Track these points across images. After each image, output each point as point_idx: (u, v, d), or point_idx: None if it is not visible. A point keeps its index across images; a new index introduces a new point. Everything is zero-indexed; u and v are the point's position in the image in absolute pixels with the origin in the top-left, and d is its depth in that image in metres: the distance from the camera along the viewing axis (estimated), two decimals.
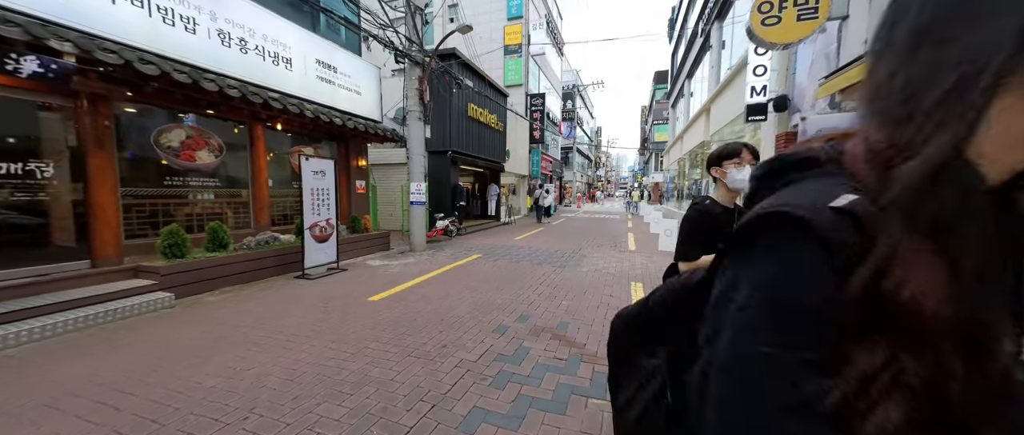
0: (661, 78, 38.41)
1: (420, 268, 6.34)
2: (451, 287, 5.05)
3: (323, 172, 5.89)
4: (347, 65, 7.57)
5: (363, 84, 8.05)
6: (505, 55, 20.79)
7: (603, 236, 11.01)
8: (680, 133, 19.20)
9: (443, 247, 8.78)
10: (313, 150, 7.48)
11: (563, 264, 6.72)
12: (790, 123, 6.35)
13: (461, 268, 6.35)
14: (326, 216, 5.98)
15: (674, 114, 23.84)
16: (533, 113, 20.92)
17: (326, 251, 5.99)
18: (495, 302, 4.37)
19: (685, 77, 18.43)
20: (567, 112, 33.65)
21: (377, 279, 5.54)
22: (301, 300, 4.44)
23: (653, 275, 5.86)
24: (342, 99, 7.44)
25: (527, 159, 20.42)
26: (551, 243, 9.43)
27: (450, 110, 10.74)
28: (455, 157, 11.12)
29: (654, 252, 8.11)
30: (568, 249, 8.45)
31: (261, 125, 6.15)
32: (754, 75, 6.73)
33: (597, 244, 9.33)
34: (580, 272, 6.07)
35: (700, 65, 15.54)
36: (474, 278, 5.59)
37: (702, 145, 13.57)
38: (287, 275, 5.71)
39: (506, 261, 6.97)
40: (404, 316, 3.87)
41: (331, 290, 4.90)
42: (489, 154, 13.71)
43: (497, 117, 14.08)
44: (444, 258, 7.29)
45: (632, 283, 5.35)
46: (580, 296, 4.68)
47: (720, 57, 12.17)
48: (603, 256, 7.59)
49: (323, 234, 5.93)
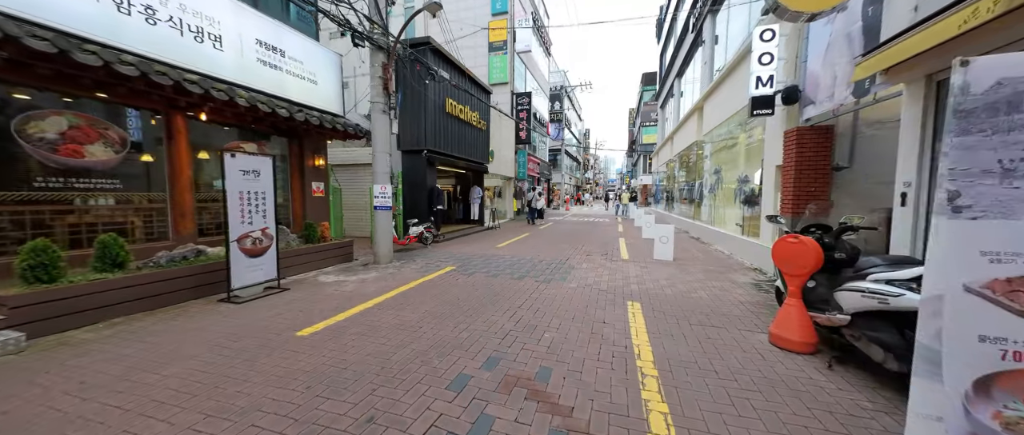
0: (649, 80, 38.22)
1: (379, 286, 5.35)
2: (409, 313, 4.10)
3: (257, 172, 4.86)
4: (299, 49, 6.56)
5: (321, 72, 7.04)
6: (490, 52, 19.95)
7: (593, 242, 10.18)
8: (670, 134, 18.65)
9: (415, 257, 7.79)
10: (257, 146, 6.43)
11: (548, 278, 5.83)
12: (801, 117, 5.63)
13: (428, 285, 5.39)
14: (261, 225, 4.95)
15: (663, 115, 23.38)
16: (519, 112, 20.10)
17: (262, 267, 4.95)
18: (459, 337, 3.43)
19: (675, 77, 17.89)
20: (555, 113, 33.00)
21: (321, 302, 4.54)
22: (205, 336, 3.42)
23: (653, 292, 5.02)
24: (292, 88, 6.42)
25: (513, 160, 19.56)
26: (536, 251, 8.55)
27: (425, 105, 9.79)
28: (432, 157, 10.16)
29: (649, 262, 7.30)
30: (554, 258, 7.57)
31: (182, 115, 5.09)
32: (760, 64, 6.00)
33: (586, 252, 8.48)
34: (567, 289, 5.19)
35: (691, 63, 14.97)
36: (441, 299, 4.65)
37: (694, 145, 12.93)
38: (210, 298, 4.66)
39: (482, 275, 6.04)
40: (332, 362, 2.91)
41: (254, 320, 3.88)
42: (470, 154, 12.78)
43: (479, 115, 13.18)
44: (412, 272, 6.32)
45: (629, 304, 4.49)
46: (566, 324, 3.79)
47: (713, 53, 11.55)
48: (593, 267, 6.74)
49: (257, 247, 4.89)
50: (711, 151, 11.17)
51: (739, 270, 6.58)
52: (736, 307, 4.40)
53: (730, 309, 4.32)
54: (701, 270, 6.54)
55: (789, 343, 3.15)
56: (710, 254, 8.35)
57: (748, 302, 4.61)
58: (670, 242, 7.49)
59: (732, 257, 7.93)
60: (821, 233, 3.36)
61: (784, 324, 3.21)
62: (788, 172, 5.70)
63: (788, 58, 5.90)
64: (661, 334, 3.55)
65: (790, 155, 5.66)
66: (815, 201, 4.89)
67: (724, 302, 4.60)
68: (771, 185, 6.41)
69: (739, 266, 6.94)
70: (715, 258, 7.83)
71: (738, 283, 5.60)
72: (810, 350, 3.09)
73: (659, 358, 3.02)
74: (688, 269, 6.60)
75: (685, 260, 7.51)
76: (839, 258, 3.18)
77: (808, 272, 3.10)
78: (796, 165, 5.52)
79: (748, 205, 7.93)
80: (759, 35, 5.94)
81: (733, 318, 4.01)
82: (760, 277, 6.02)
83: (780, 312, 3.31)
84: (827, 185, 5.47)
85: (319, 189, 7.48)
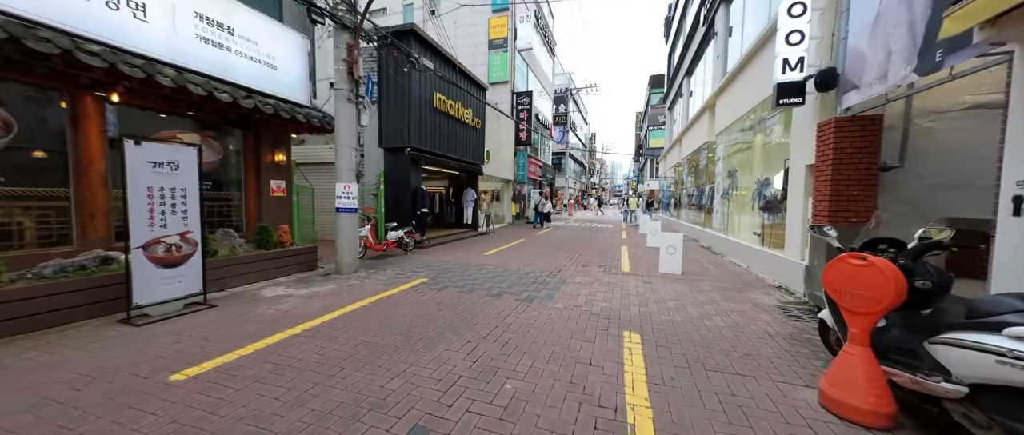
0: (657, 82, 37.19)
1: (327, 303, 4.46)
2: (340, 344, 3.19)
3: (174, 164, 4.02)
4: (253, 29, 5.76)
5: (281, 56, 6.23)
6: (490, 50, 19.20)
7: (591, 251, 9.20)
8: (678, 136, 17.63)
9: (387, 266, 6.90)
10: (201, 138, 5.62)
11: (531, 295, 4.89)
12: (839, 106, 4.64)
13: (385, 303, 4.48)
14: (180, 229, 4.10)
15: (671, 117, 22.38)
16: (519, 112, 19.25)
17: (181, 279, 4.09)
18: (386, 387, 2.52)
19: (684, 75, 16.93)
20: (559, 116, 32.13)
21: (242, 325, 3.65)
22: (55, 375, 2.55)
23: (657, 318, 4.05)
24: (242, 71, 5.61)
25: (512, 162, 18.68)
26: (526, 260, 7.61)
27: (409, 99, 8.96)
28: (416, 155, 9.31)
29: (654, 275, 6.31)
30: (544, 270, 6.62)
31: (91, 97, 4.28)
32: (787, 44, 5.04)
33: (582, 262, 7.51)
34: (550, 311, 4.24)
35: (701, 59, 14.00)
36: (391, 323, 3.74)
37: (705, 147, 11.92)
38: (114, 316, 3.81)
39: (455, 290, 5.11)
40: (188, 431, 2.00)
41: (137, 351, 3.01)
42: (462, 154, 11.92)
43: (473, 112, 12.33)
44: (374, 284, 5.42)
45: (625, 336, 3.53)
46: (539, 366, 2.85)
47: (726, 45, 10.58)
48: (588, 281, 5.77)
49: (174, 255, 4.04)
50: (724, 152, 10.16)
51: (760, 288, 5.56)
52: (764, 342, 3.41)
53: (757, 345, 3.33)
54: (714, 287, 5.54)
55: (853, 411, 2.17)
56: (723, 267, 7.32)
57: (779, 335, 3.61)
58: (678, 253, 6.50)
59: (749, 271, 6.90)
60: (895, 252, 2.39)
61: (844, 382, 2.24)
62: (823, 172, 4.71)
63: (823, 36, 4.93)
64: (666, 386, 2.59)
65: (825, 152, 4.67)
66: (868, 210, 3.91)
67: (747, 334, 3.62)
68: (799, 188, 5.41)
69: (759, 282, 5.92)
70: (730, 272, 6.81)
71: (762, 306, 4.60)
72: (886, 424, 2.11)
73: (663, 430, 2.07)
74: (699, 286, 5.61)
75: (695, 274, 6.50)
76: (922, 287, 2.21)
77: (882, 308, 2.13)
78: (833, 164, 4.53)
79: (769, 212, 6.91)
80: (787, 10, 4.99)
81: (763, 360, 3.03)
82: (787, 298, 5.00)
83: (837, 363, 2.33)
84: (873, 188, 4.47)
85: (279, 188, 6.65)
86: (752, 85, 7.61)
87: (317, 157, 10.12)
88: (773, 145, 7.08)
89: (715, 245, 9.84)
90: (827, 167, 4.61)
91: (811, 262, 4.84)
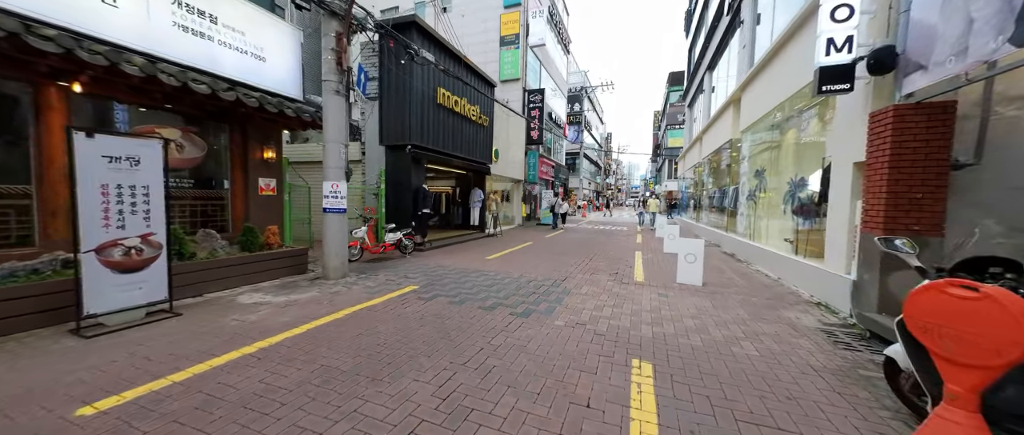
0: (676, 79, 35.88)
1: (301, 313, 4.03)
2: (295, 368, 2.73)
3: (135, 160, 3.67)
4: (240, 18, 5.44)
5: (272, 48, 5.90)
6: (501, 47, 18.72)
7: (602, 256, 8.55)
8: (698, 134, 16.69)
9: (380, 270, 6.48)
10: (183, 133, 5.32)
11: (528, 309, 4.33)
12: (900, 92, 3.88)
13: (363, 315, 4.02)
14: (141, 230, 3.75)
15: (691, 115, 21.33)
16: (531, 110, 18.67)
17: (142, 286, 3.74)
18: (327, 433, 2.02)
19: (705, 70, 15.98)
20: (574, 115, 31.37)
21: (199, 340, 3.25)
22: None
23: (674, 342, 3.43)
24: (227, 63, 5.29)
25: (522, 162, 18.13)
26: (530, 266, 7.04)
27: (410, 94, 8.55)
28: (417, 153, 8.89)
29: (671, 286, 5.64)
30: (548, 277, 6.05)
31: (55, 87, 3.99)
32: (832, 21, 4.30)
33: (591, 269, 6.89)
34: (548, 330, 3.67)
35: (725, 51, 13.09)
36: (361, 341, 3.26)
37: (728, 145, 11.06)
38: (65, 325, 3.48)
39: (444, 301, 4.61)
40: None
41: (64, 372, 2.63)
42: (468, 152, 11.46)
43: (480, 109, 11.85)
44: (359, 292, 4.98)
45: (634, 365, 2.93)
46: (524, 407, 2.29)
47: (754, 34, 9.73)
48: (595, 292, 5.17)
49: (134, 259, 3.69)
50: (750, 150, 9.31)
51: (795, 304, 4.83)
52: (809, 379, 2.75)
53: (800, 383, 2.68)
54: (741, 302, 4.84)
55: None
56: (750, 277, 6.56)
57: (826, 369, 2.94)
58: (699, 261, 5.80)
59: (780, 282, 6.13)
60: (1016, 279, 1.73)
61: None
62: (876, 170, 3.96)
63: (877, 10, 4.17)
64: None
65: (880, 146, 3.93)
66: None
67: (786, 367, 2.95)
68: (844, 189, 4.65)
69: (793, 297, 5.17)
70: (757, 283, 6.05)
71: (800, 328, 3.90)
72: None
73: None
74: (723, 300, 4.92)
75: (718, 285, 5.79)
76: None
77: (1005, 362, 1.48)
78: (891, 160, 3.79)
79: (804, 217, 6.12)
80: None
81: (809, 406, 2.38)
82: (830, 319, 4.26)
83: (928, 429, 1.68)
84: (942, 190, 3.70)
85: (269, 187, 6.32)
86: (784, 74, 6.82)
87: (317, 155, 9.84)
88: (809, 141, 6.28)
89: (739, 251, 9.01)
90: (882, 164, 3.87)
91: (861, 277, 4.09)
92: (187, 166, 5.41)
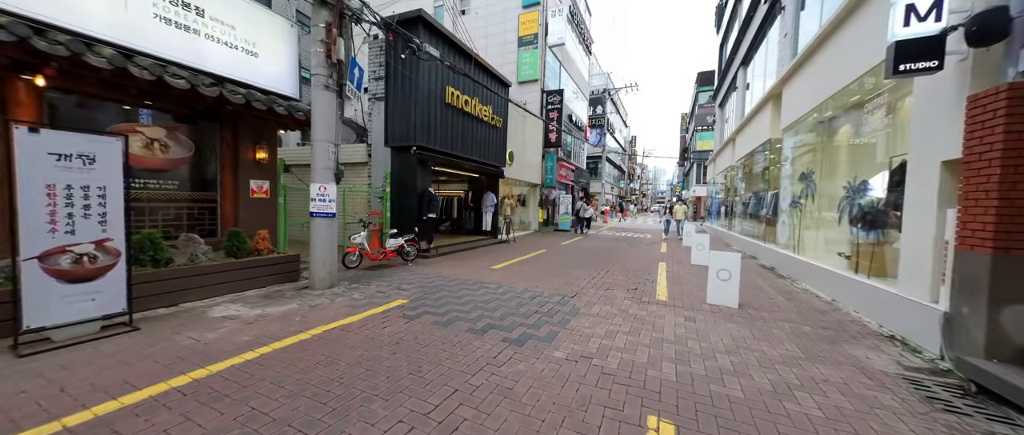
0: (705, 80, 34.14)
1: (266, 331, 3.56)
2: (212, 415, 2.21)
3: (90, 158, 3.33)
4: (230, 11, 5.16)
5: (265, 43, 5.60)
6: (519, 47, 18.23)
7: (620, 268, 7.72)
8: (731, 135, 15.43)
9: (375, 280, 6.00)
10: (168, 132, 5.06)
11: (525, 334, 3.66)
12: (1016, 67, 2.94)
13: (332, 337, 3.49)
14: (96, 236, 3.40)
15: (722, 115, 19.97)
16: (549, 112, 18.01)
17: (96, 297, 3.39)
18: None
19: (739, 66, 14.78)
20: (595, 117, 30.39)
21: (135, 364, 2.82)
22: None
23: (704, 389, 2.66)
24: (216, 58, 5.00)
25: (539, 165, 17.45)
26: (537, 278, 6.35)
27: (415, 92, 8.12)
28: (423, 155, 8.44)
29: (700, 307, 4.79)
30: (556, 292, 5.34)
31: (21, 81, 3.74)
32: None
33: (607, 284, 6.11)
34: (545, 365, 2.99)
35: (762, 44, 11.95)
36: (313, 375, 2.72)
37: (767, 145, 9.94)
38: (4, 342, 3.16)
39: (430, 319, 4.02)
40: None
41: None
42: (480, 155, 10.94)
43: (493, 110, 11.32)
44: (340, 307, 4.48)
45: (649, 424, 2.21)
46: None
47: (798, 20, 8.66)
48: (608, 314, 4.42)
49: (86, 268, 3.34)
50: (793, 151, 8.23)
51: (861, 337, 3.88)
52: None
53: None
54: (791, 333, 3.95)
55: None
56: (797, 298, 5.57)
57: None
58: (734, 278, 4.92)
59: (836, 306, 5.12)
60: None
61: None
62: (981, 171, 3.03)
63: None
64: None
65: (988, 138, 3.00)
66: None
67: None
68: (927, 195, 3.70)
69: (857, 327, 4.20)
70: (807, 306, 5.08)
71: (874, 374, 3.01)
72: None
73: None
74: (767, 329, 4.04)
75: (758, 309, 4.88)
76: None
77: None
78: (1004, 157, 2.86)
79: (867, 227, 5.10)
80: None
81: None
82: (913, 361, 3.32)
83: None
84: None
85: (261, 189, 6.01)
86: (838, 60, 5.83)
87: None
88: (872, 136, 5.27)
89: (781, 265, 7.92)
90: (990, 162, 2.94)
91: (957, 308, 3.15)
92: (173, 167, 5.16)
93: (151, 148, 4.90)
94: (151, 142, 4.90)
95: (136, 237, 4.29)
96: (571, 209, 18.93)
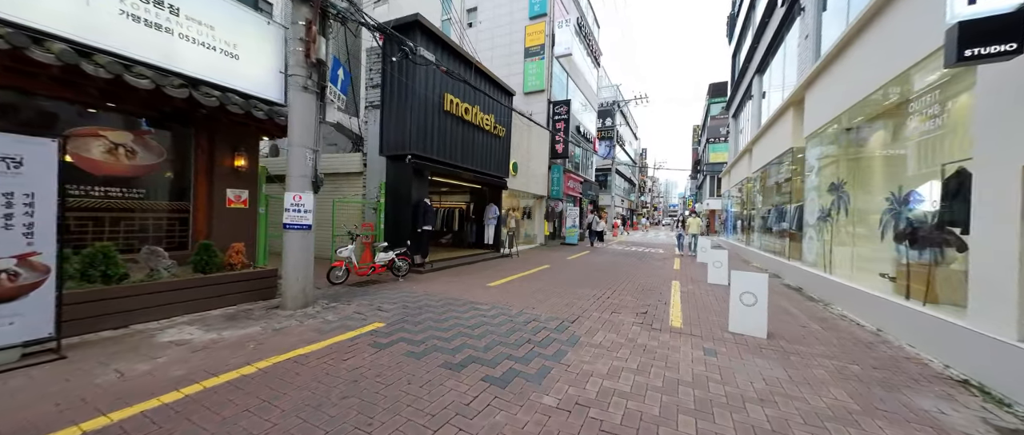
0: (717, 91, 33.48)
1: (211, 362, 3.05)
2: None
3: (16, 161, 2.94)
4: (208, 11, 4.86)
5: (246, 44, 5.29)
6: (526, 58, 18.02)
7: (629, 287, 7.04)
8: (747, 146, 14.71)
9: (354, 298, 5.48)
10: (136, 136, 4.72)
11: (511, 371, 3.05)
12: None
13: (284, 371, 2.96)
14: (18, 249, 2.97)
15: (736, 126, 19.27)
16: (556, 122, 17.61)
17: (15, 320, 2.94)
18: None
19: (754, 74, 14.17)
20: (605, 129, 29.95)
21: (26, 409, 2.33)
22: None
23: None
24: (191, 59, 4.68)
25: (545, 177, 16.94)
26: (536, 298, 5.74)
27: (412, 99, 7.76)
28: (419, 164, 8.01)
29: (721, 337, 4.09)
30: (554, 316, 4.72)
31: None
32: None
33: (612, 307, 5.45)
34: (529, 418, 2.38)
35: (779, 49, 11.36)
36: (237, 429, 2.17)
37: (788, 154, 9.23)
38: None
39: (404, 349, 3.45)
40: None
41: None
42: (482, 165, 10.49)
43: (495, 119, 10.93)
44: (307, 330, 3.96)
45: None
46: None
47: (820, 21, 8.08)
48: (612, 345, 3.77)
49: (3, 286, 2.90)
50: (820, 159, 7.52)
51: (924, 380, 3.15)
52: None
53: None
54: (835, 373, 3.24)
55: None
56: (834, 326, 4.82)
57: None
58: (760, 303, 4.23)
59: (883, 337, 4.36)
60: None
61: None
62: None
63: None
64: None
65: None
66: None
67: None
68: (1006, 208, 3.01)
69: (915, 365, 3.46)
70: (849, 337, 4.34)
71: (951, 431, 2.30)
72: None
73: None
74: (805, 368, 3.34)
75: (791, 339, 4.16)
76: None
77: None
78: None
79: (915, 244, 4.38)
80: None
81: None
82: (1001, 416, 2.59)
83: None
84: None
85: (239, 198, 5.61)
86: (873, 57, 5.21)
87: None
88: (916, 140, 4.59)
89: (809, 285, 7.13)
90: None
91: None
92: (140, 174, 4.79)
93: (115, 153, 4.54)
94: (115, 147, 4.55)
95: (87, 250, 3.89)
96: (580, 223, 18.32)
